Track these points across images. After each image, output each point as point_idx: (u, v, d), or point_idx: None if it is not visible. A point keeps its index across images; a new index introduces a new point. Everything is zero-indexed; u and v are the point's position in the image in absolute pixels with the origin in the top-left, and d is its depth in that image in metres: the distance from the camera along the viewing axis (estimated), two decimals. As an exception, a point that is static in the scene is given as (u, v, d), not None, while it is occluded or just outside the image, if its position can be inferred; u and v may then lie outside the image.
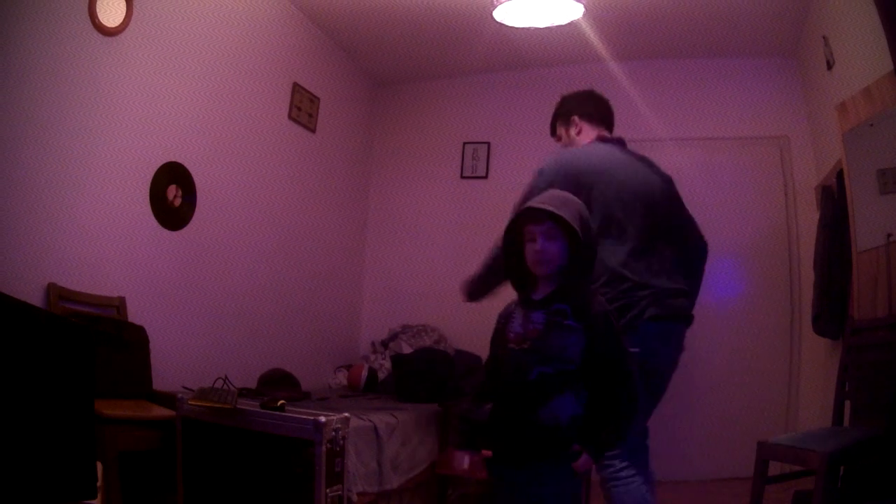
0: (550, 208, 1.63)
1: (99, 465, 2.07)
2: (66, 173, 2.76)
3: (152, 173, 3.20)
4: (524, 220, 1.68)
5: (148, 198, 3.18)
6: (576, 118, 2.56)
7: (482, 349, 4.15)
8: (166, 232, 3.28)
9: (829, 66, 3.52)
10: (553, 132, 2.66)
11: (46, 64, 2.65)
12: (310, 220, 4.46)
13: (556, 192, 1.76)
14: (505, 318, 1.74)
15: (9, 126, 2.52)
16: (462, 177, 4.99)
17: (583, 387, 1.59)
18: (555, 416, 1.56)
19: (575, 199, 1.72)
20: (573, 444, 1.57)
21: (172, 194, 3.31)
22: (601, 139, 2.49)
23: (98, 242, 2.91)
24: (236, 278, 3.76)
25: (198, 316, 3.47)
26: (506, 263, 1.74)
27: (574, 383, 1.58)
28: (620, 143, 2.50)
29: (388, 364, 4.27)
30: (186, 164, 3.39)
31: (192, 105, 3.43)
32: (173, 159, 3.31)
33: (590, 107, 2.59)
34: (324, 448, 2.25)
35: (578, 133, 2.53)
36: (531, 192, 2.10)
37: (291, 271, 4.24)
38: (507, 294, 1.88)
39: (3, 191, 2.50)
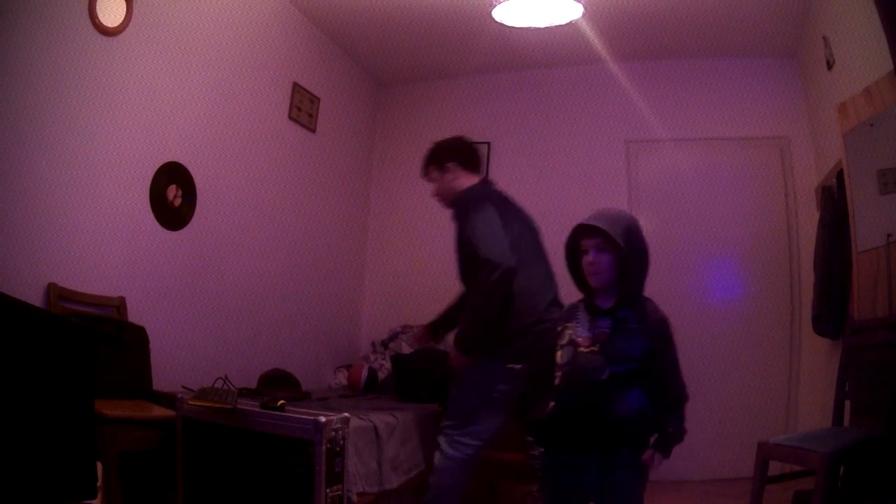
0: (598, 224, 1.82)
1: (99, 465, 2.07)
2: (67, 173, 2.76)
3: (152, 173, 3.20)
4: (579, 235, 1.90)
5: (148, 198, 3.18)
6: (451, 165, 2.81)
7: (482, 349, 4.15)
8: (166, 232, 3.28)
9: (829, 66, 3.52)
10: (424, 174, 2.91)
11: (46, 64, 2.65)
12: (310, 220, 4.46)
13: (607, 210, 1.91)
14: (563, 322, 1.94)
15: (9, 126, 2.52)
16: (462, 177, 4.99)
17: (645, 382, 1.81)
18: (631, 408, 1.78)
19: (627, 216, 1.91)
20: (648, 430, 1.81)
21: (172, 194, 3.31)
22: (484, 182, 2.84)
23: (98, 242, 2.91)
24: (236, 278, 3.76)
25: (198, 316, 3.47)
26: (571, 273, 1.96)
27: (640, 379, 1.80)
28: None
29: (388, 364, 4.27)
30: (186, 164, 3.39)
31: (192, 105, 3.43)
32: (173, 159, 3.31)
33: (464, 155, 2.86)
34: (324, 448, 2.25)
35: (453, 179, 2.81)
36: (484, 223, 2.54)
37: (291, 271, 4.24)
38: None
39: (3, 191, 2.50)
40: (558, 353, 1.91)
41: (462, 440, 2.59)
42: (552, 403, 1.88)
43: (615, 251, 1.83)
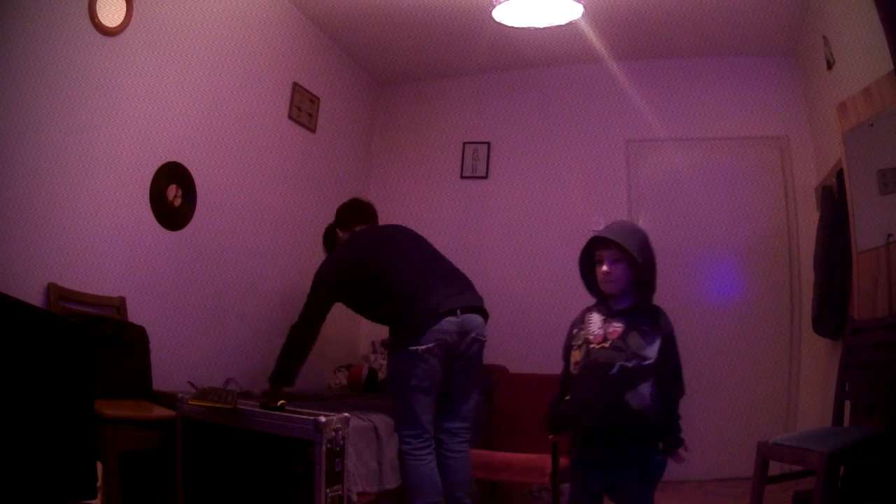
0: (614, 237, 1.97)
1: (99, 465, 2.07)
2: (67, 173, 2.76)
3: (152, 173, 3.19)
4: (595, 246, 2.04)
5: (148, 198, 3.17)
6: (338, 231, 3.35)
7: (482, 349, 4.15)
8: (166, 232, 3.28)
9: (829, 66, 3.52)
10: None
11: (46, 64, 2.65)
12: (310, 220, 4.45)
13: (622, 222, 2.10)
14: (579, 324, 2.09)
15: (8, 126, 2.52)
16: (462, 177, 4.99)
17: (655, 379, 1.93)
18: (643, 402, 1.90)
19: (639, 229, 2.06)
20: (657, 427, 1.93)
21: (172, 194, 3.31)
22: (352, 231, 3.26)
23: (98, 242, 2.91)
24: (236, 278, 3.76)
25: (198, 316, 3.47)
26: (584, 282, 2.11)
27: (651, 375, 1.92)
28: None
29: (388, 364, 4.26)
30: (186, 164, 3.38)
31: (192, 105, 3.43)
32: (173, 159, 3.31)
33: (345, 216, 3.36)
34: (324, 448, 2.25)
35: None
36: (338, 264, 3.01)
37: (291, 271, 4.23)
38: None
39: (3, 191, 2.50)
40: (574, 353, 2.05)
41: (408, 432, 2.77)
42: (567, 397, 2.05)
43: (628, 262, 1.98)
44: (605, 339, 1.98)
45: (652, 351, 1.93)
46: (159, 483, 2.70)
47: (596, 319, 2.04)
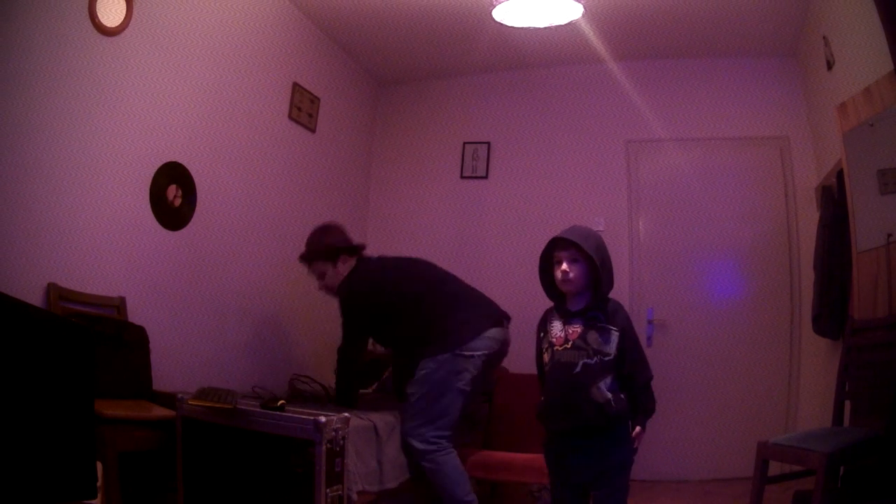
0: (573, 238, 2.08)
1: (99, 465, 2.07)
2: (67, 173, 2.76)
3: (152, 173, 3.19)
4: (554, 247, 2.15)
5: (148, 198, 3.18)
6: (344, 255, 3.20)
7: (482, 349, 4.16)
8: (166, 232, 3.28)
9: (829, 66, 3.52)
10: (311, 267, 3.27)
11: (46, 64, 2.65)
12: (310, 220, 4.43)
13: (579, 226, 2.17)
14: (543, 327, 2.21)
15: (8, 126, 2.52)
16: (462, 177, 4.99)
17: (616, 372, 2.05)
18: (603, 393, 2.02)
19: (595, 232, 2.15)
20: (621, 415, 2.03)
21: (172, 194, 3.31)
22: (360, 260, 3.27)
23: (98, 242, 2.91)
24: (236, 278, 3.76)
25: (198, 316, 3.47)
26: (542, 282, 2.21)
27: (611, 369, 2.05)
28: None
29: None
30: (186, 164, 3.39)
31: (192, 105, 3.43)
32: (173, 159, 3.31)
33: (346, 241, 3.26)
34: (324, 448, 2.25)
35: (344, 264, 3.19)
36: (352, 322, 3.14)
37: (291, 271, 4.23)
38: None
39: (3, 191, 2.50)
40: (544, 356, 2.17)
41: (438, 433, 2.79)
42: (542, 398, 2.18)
43: (586, 262, 2.08)
44: (566, 341, 2.09)
45: (611, 347, 2.05)
46: (159, 483, 2.70)
47: (556, 322, 2.15)
